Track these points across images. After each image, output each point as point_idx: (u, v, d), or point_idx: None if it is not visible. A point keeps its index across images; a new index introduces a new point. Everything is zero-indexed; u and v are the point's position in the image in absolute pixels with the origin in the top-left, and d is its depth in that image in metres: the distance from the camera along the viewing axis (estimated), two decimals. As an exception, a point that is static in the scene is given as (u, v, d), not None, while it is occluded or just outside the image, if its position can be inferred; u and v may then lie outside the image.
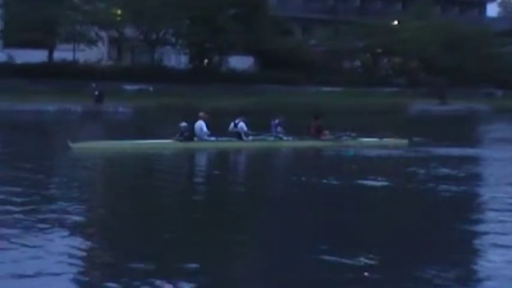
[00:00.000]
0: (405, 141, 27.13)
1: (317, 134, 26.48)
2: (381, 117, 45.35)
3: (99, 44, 56.72)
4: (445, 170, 19.50)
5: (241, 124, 25.56)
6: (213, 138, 25.05)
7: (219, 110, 42.66)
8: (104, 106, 46.59)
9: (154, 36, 58.13)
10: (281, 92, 54.67)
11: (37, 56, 53.12)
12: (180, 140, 24.38)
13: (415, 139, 27.35)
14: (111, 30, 58.37)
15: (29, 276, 9.07)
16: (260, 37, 57.85)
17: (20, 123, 37.19)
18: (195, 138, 24.85)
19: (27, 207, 13.24)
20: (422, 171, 19.42)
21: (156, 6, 53.75)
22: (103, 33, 57.21)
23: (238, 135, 25.47)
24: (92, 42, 55.17)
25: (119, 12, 57.32)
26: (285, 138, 26.10)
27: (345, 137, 26.71)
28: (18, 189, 15.07)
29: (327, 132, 26.66)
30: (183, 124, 24.66)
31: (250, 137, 25.72)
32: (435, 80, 60.98)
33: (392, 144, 26.68)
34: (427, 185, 16.90)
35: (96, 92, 47.25)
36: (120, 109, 46.78)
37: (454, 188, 16.24)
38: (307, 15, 74.66)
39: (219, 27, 54.95)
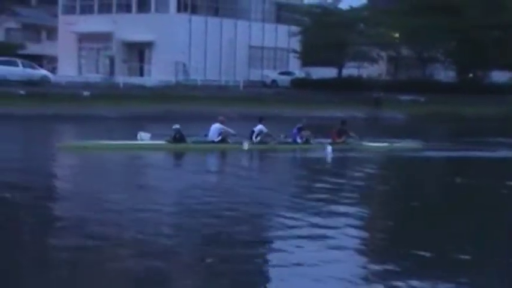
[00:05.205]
0: (419, 145, 26.58)
1: (336, 138, 26.59)
2: None
3: (380, 62, 63.47)
4: None
5: (259, 127, 25.46)
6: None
7: (480, 117, 48.05)
8: (381, 113, 50.62)
9: (426, 55, 62.74)
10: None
11: (328, 72, 60.49)
12: (171, 142, 24.12)
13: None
14: (389, 50, 64.30)
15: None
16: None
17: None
18: (191, 139, 24.65)
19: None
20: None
21: (429, 30, 56.64)
22: (383, 53, 63.56)
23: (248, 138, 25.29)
24: (373, 61, 62.13)
25: (397, 35, 62.82)
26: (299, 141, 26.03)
27: (354, 141, 26.67)
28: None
29: (344, 137, 26.62)
30: (175, 127, 24.26)
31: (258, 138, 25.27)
32: None
33: (405, 148, 26.18)
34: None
35: (375, 100, 51.64)
36: (396, 116, 50.08)
37: None
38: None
39: (482, 47, 57.94)
